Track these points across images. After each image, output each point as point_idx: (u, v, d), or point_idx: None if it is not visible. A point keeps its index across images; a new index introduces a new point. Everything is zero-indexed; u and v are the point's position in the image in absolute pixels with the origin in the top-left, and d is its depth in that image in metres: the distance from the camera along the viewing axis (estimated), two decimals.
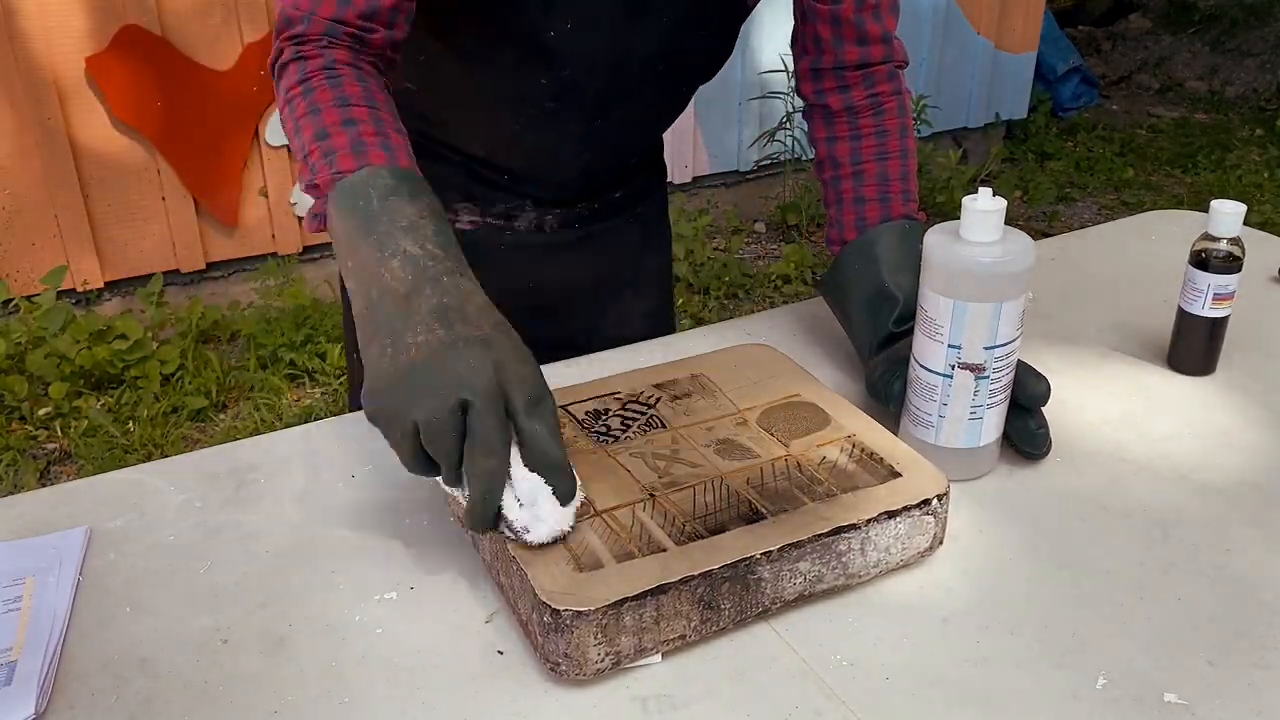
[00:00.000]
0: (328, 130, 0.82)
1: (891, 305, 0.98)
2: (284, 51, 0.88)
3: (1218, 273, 1.01)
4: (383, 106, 0.85)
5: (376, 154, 0.81)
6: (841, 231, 1.05)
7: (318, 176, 0.81)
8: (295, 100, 0.85)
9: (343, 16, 0.86)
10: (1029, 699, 0.68)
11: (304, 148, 0.83)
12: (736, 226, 3.91)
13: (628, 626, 0.67)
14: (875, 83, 1.06)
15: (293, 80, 0.86)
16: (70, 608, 0.75)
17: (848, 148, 1.06)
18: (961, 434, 0.87)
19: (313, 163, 0.82)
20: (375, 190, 0.78)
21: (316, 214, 0.82)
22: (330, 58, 0.86)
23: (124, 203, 2.93)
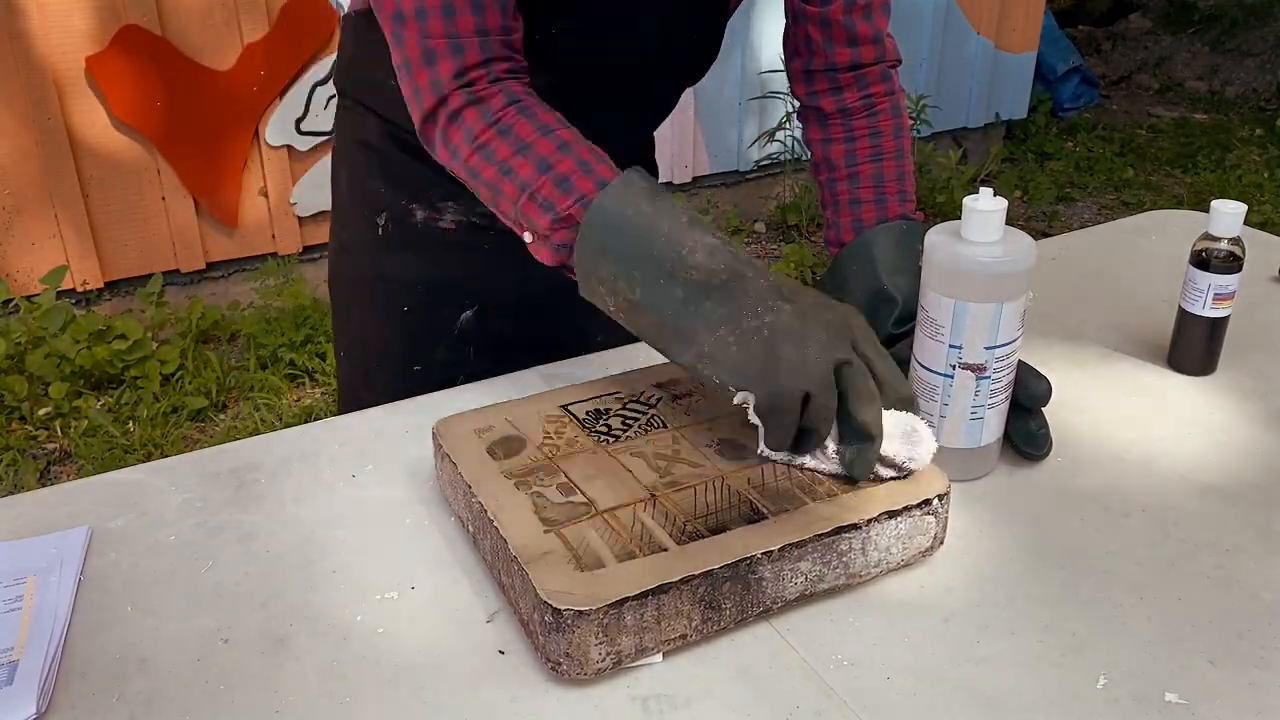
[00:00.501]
0: (549, 161, 0.82)
1: (890, 307, 0.98)
2: (451, 98, 0.85)
3: (1218, 273, 1.01)
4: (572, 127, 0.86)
5: (604, 169, 0.82)
6: (839, 233, 1.05)
7: (559, 207, 0.81)
8: (491, 145, 0.84)
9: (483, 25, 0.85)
10: (1029, 699, 0.68)
11: (524, 187, 0.83)
12: (736, 226, 3.91)
13: (629, 626, 0.67)
14: (868, 84, 1.06)
15: (480, 125, 0.84)
16: (71, 607, 0.75)
17: (842, 150, 1.06)
18: (962, 434, 0.87)
19: (543, 198, 0.82)
20: (640, 196, 0.80)
21: (560, 245, 0.83)
22: (510, 92, 0.85)
23: (124, 203, 2.93)
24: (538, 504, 0.76)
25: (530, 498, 0.77)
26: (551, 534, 0.73)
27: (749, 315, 0.76)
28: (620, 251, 0.79)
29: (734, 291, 0.77)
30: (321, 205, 3.17)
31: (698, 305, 0.77)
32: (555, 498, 0.77)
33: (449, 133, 0.86)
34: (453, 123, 0.86)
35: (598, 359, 1.09)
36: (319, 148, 3.12)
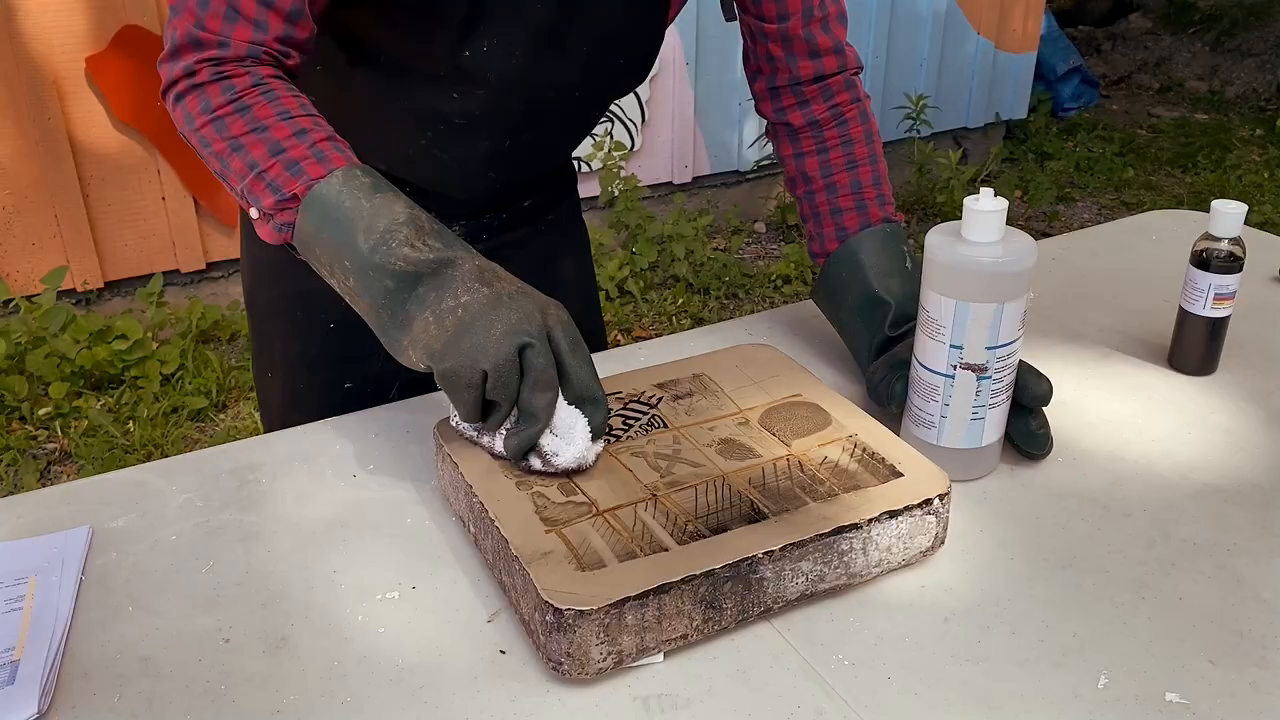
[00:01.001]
0: (282, 144, 0.82)
1: (884, 310, 0.98)
2: (199, 72, 0.83)
3: (1218, 273, 1.01)
4: (320, 115, 0.85)
5: (338, 158, 0.82)
6: (823, 244, 1.05)
7: (285, 189, 0.81)
8: (227, 119, 0.83)
9: (260, 40, 0.84)
10: (1030, 699, 0.68)
11: (253, 166, 0.82)
12: (736, 226, 3.91)
13: (630, 626, 0.67)
14: (834, 94, 1.05)
15: (220, 100, 0.83)
16: (72, 607, 0.75)
17: (816, 161, 1.06)
18: (963, 434, 0.87)
19: (270, 179, 0.81)
20: (360, 189, 0.80)
21: (283, 224, 0.83)
22: (258, 74, 0.84)
23: (124, 203, 2.93)
24: (539, 504, 0.76)
25: (531, 498, 0.77)
26: (552, 534, 0.73)
27: (449, 296, 0.78)
28: (333, 240, 0.80)
29: (443, 277, 0.79)
30: None
31: (411, 291, 0.79)
32: (556, 497, 0.77)
33: (185, 100, 0.85)
34: (192, 91, 0.84)
35: (598, 359, 1.08)
36: None
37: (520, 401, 0.77)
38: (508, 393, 0.77)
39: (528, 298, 0.79)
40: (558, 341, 0.78)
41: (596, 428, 0.80)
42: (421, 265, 0.78)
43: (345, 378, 1.11)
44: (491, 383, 0.76)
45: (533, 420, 0.77)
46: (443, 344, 0.77)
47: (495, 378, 0.76)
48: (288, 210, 0.82)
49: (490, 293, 0.78)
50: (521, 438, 0.78)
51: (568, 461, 0.78)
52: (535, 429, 0.77)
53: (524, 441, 0.78)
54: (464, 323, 0.77)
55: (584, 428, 0.79)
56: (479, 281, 0.79)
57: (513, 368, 0.76)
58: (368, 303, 0.80)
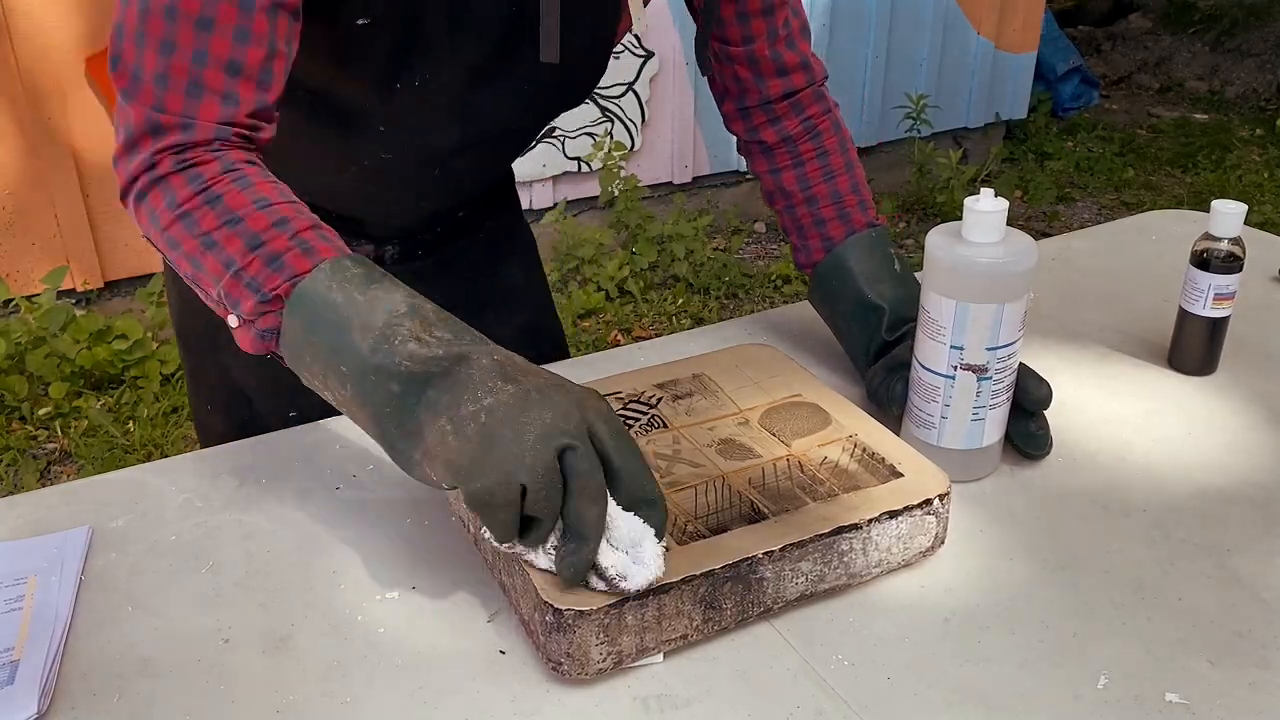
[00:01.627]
0: (260, 237, 0.72)
1: (878, 315, 0.98)
2: (159, 163, 0.74)
3: (1218, 273, 1.01)
4: (300, 201, 0.76)
5: (324, 248, 0.73)
6: (809, 255, 1.05)
7: (266, 287, 0.71)
8: (195, 213, 0.73)
9: (230, 118, 0.74)
10: (1029, 699, 0.68)
11: (229, 264, 0.72)
12: (736, 226, 3.91)
13: (629, 626, 0.67)
14: (804, 107, 1.04)
15: (187, 192, 0.73)
16: (72, 607, 0.75)
17: (793, 175, 1.05)
18: (964, 435, 0.87)
19: (249, 277, 0.71)
20: (351, 283, 0.71)
21: (266, 330, 0.73)
22: (227, 160, 0.74)
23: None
24: None
25: None
26: None
27: (469, 400, 0.66)
28: (326, 344, 0.69)
29: (457, 376, 0.67)
30: None
31: (419, 396, 0.67)
32: None
33: (149, 196, 0.75)
34: (155, 186, 0.74)
35: (598, 359, 1.09)
36: None
37: (566, 517, 0.65)
38: (550, 507, 0.64)
39: (560, 390, 0.67)
40: (601, 439, 0.66)
41: (659, 530, 0.68)
42: (431, 364, 0.67)
43: (290, 406, 1.01)
44: (531, 498, 0.64)
45: (583, 539, 0.65)
46: (469, 459, 0.64)
47: (535, 492, 0.63)
48: (270, 314, 0.72)
49: (516, 390, 0.66)
50: (577, 561, 0.65)
51: (638, 585, 0.66)
52: (588, 549, 0.65)
53: (580, 564, 0.65)
54: (489, 430, 0.64)
55: (651, 540, 0.67)
56: (500, 378, 0.66)
57: (554, 478, 0.64)
58: (369, 413, 0.69)
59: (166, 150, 0.74)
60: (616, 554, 0.66)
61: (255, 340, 0.74)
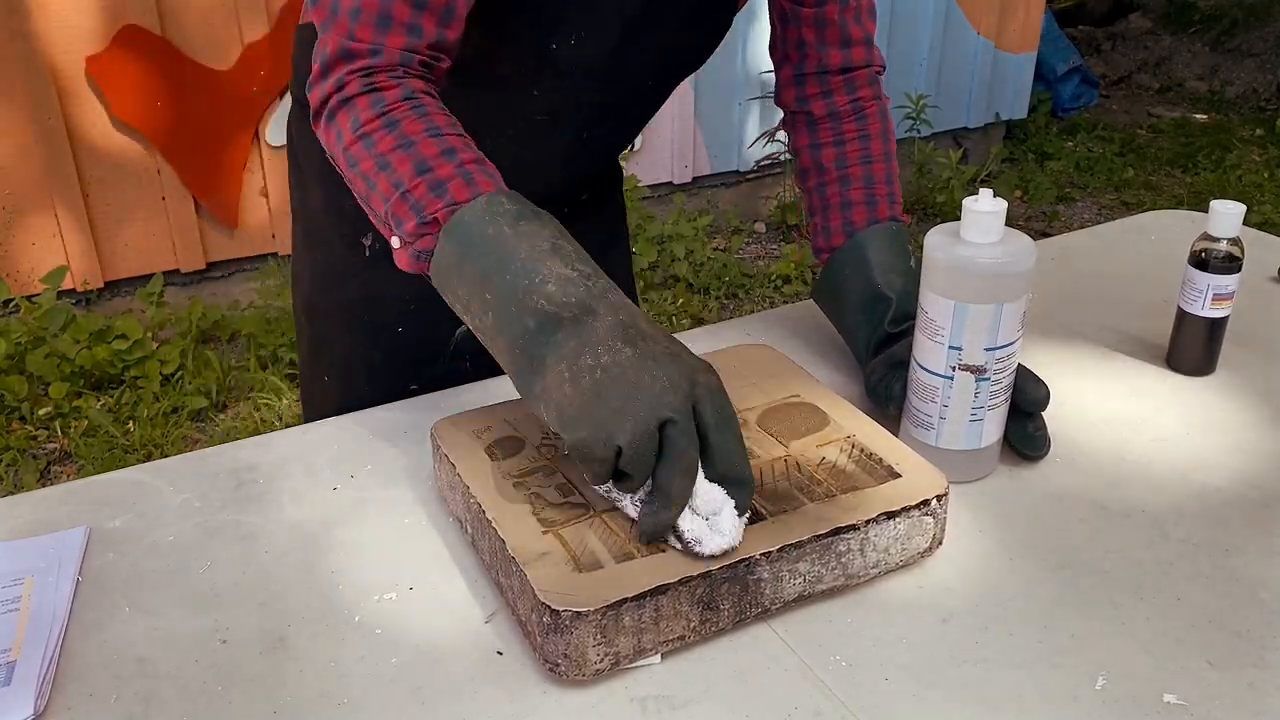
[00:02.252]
0: (429, 163, 0.78)
1: (885, 306, 0.98)
2: (348, 84, 0.81)
3: (1217, 273, 1.01)
4: (467, 134, 0.82)
5: (485, 181, 0.78)
6: (829, 238, 1.05)
7: (427, 210, 0.77)
8: (375, 135, 0.79)
9: (414, 47, 0.81)
10: (1028, 699, 0.68)
11: (398, 184, 0.78)
12: (736, 226, 3.91)
13: (627, 627, 0.67)
14: (857, 87, 1.06)
15: (369, 114, 0.80)
16: (69, 608, 0.75)
17: (833, 153, 1.06)
18: (962, 436, 0.87)
19: (414, 199, 0.77)
20: (503, 218, 0.76)
21: (422, 251, 0.79)
22: (408, 88, 0.81)
23: (124, 203, 2.93)
24: (536, 505, 0.76)
25: (528, 498, 0.77)
26: (550, 535, 0.73)
27: (589, 354, 0.71)
28: (474, 272, 0.75)
29: (583, 327, 0.72)
30: None
31: (550, 336, 0.72)
32: (553, 498, 0.77)
33: (336, 117, 0.82)
34: (342, 107, 0.81)
35: None
36: None
37: (656, 479, 0.70)
38: (642, 470, 0.69)
39: (675, 363, 0.71)
40: (704, 416, 0.70)
41: (743, 508, 0.72)
42: (563, 308, 0.72)
43: (412, 380, 1.08)
44: (625, 458, 0.68)
45: (666, 502, 0.69)
46: (576, 408, 0.69)
47: (630, 454, 0.68)
48: (427, 236, 0.78)
49: (634, 355, 0.70)
50: (655, 521, 0.70)
51: (712, 550, 0.70)
52: (669, 515, 0.70)
53: (659, 526, 0.70)
54: (601, 387, 0.69)
55: (731, 512, 0.71)
56: (622, 340, 0.71)
57: (650, 445, 0.68)
58: (505, 342, 0.74)
59: (356, 72, 0.81)
60: (696, 519, 0.70)
61: (411, 260, 0.80)
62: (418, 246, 0.79)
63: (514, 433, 0.85)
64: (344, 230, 1.08)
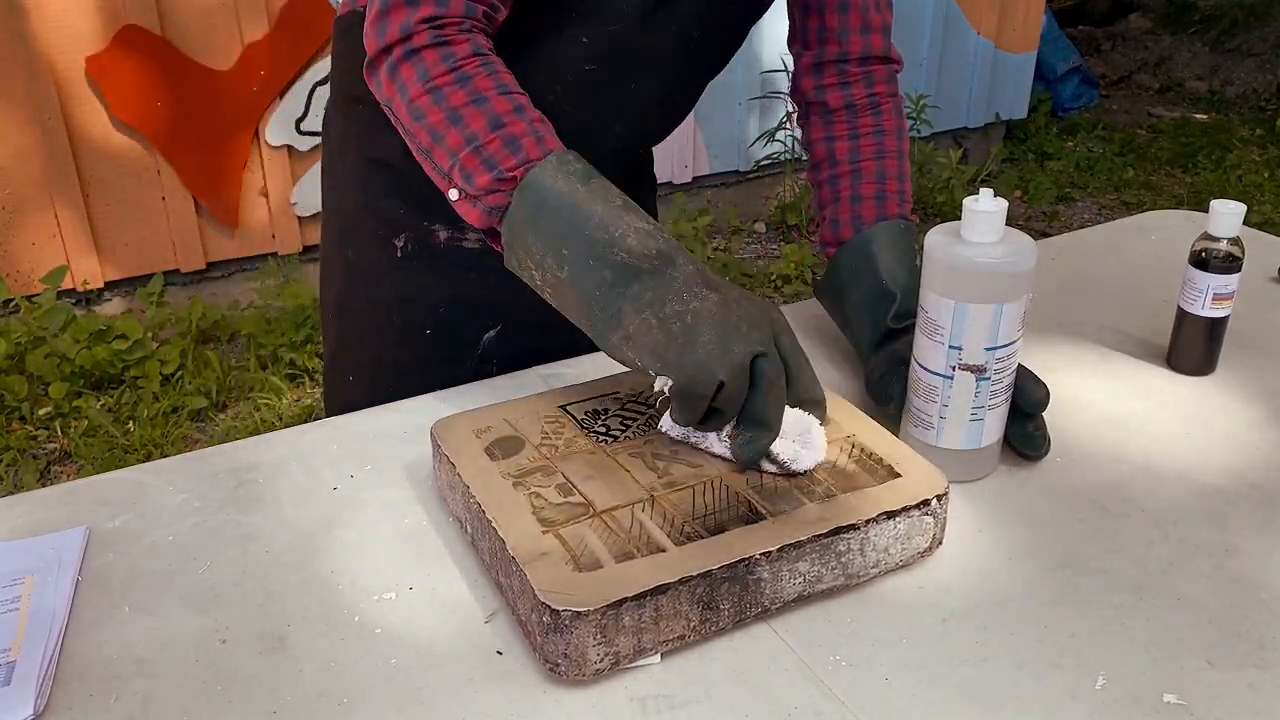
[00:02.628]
0: (503, 119, 0.81)
1: (889, 301, 0.98)
2: (416, 35, 0.82)
3: (1217, 273, 1.01)
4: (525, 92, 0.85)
5: (553, 140, 0.82)
6: (837, 231, 1.05)
7: (503, 165, 0.80)
8: (446, 89, 0.82)
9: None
10: (1028, 699, 0.68)
11: (471, 139, 0.81)
12: (736, 226, 3.91)
13: (627, 627, 0.67)
14: (874, 82, 1.07)
15: (440, 68, 0.82)
16: (69, 608, 0.75)
17: (847, 146, 1.06)
18: (962, 435, 0.87)
19: (488, 154, 0.80)
20: (576, 175, 0.80)
21: (494, 207, 0.81)
22: (476, 44, 0.83)
23: (124, 203, 2.93)
24: (536, 504, 0.76)
25: (528, 498, 0.77)
26: (550, 534, 0.73)
27: (674, 300, 0.77)
28: (551, 227, 0.79)
29: (663, 276, 0.77)
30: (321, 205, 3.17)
31: (626, 287, 0.77)
32: (553, 498, 0.77)
33: (401, 68, 0.83)
34: (409, 59, 0.83)
35: (599, 358, 1.08)
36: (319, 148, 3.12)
37: (751, 411, 0.76)
38: (736, 404, 0.76)
39: (753, 303, 0.78)
40: (784, 347, 0.78)
41: (821, 420, 0.81)
42: (643, 260, 0.77)
43: (438, 383, 1.07)
44: (724, 394, 0.75)
45: (765, 429, 0.76)
46: (676, 353, 0.76)
47: (729, 388, 0.75)
48: (500, 193, 0.81)
49: (719, 299, 0.77)
50: (757, 448, 0.77)
51: (808, 465, 0.78)
52: (768, 438, 0.77)
53: (758, 451, 0.77)
54: (694, 331, 0.76)
55: (818, 430, 0.79)
56: (705, 286, 0.78)
57: (746, 378, 0.75)
58: (579, 295, 0.79)
59: (424, 23, 0.82)
60: (787, 442, 0.78)
61: (482, 214, 0.82)
62: (489, 202, 0.81)
63: (514, 433, 0.85)
64: (379, 230, 1.08)
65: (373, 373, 1.15)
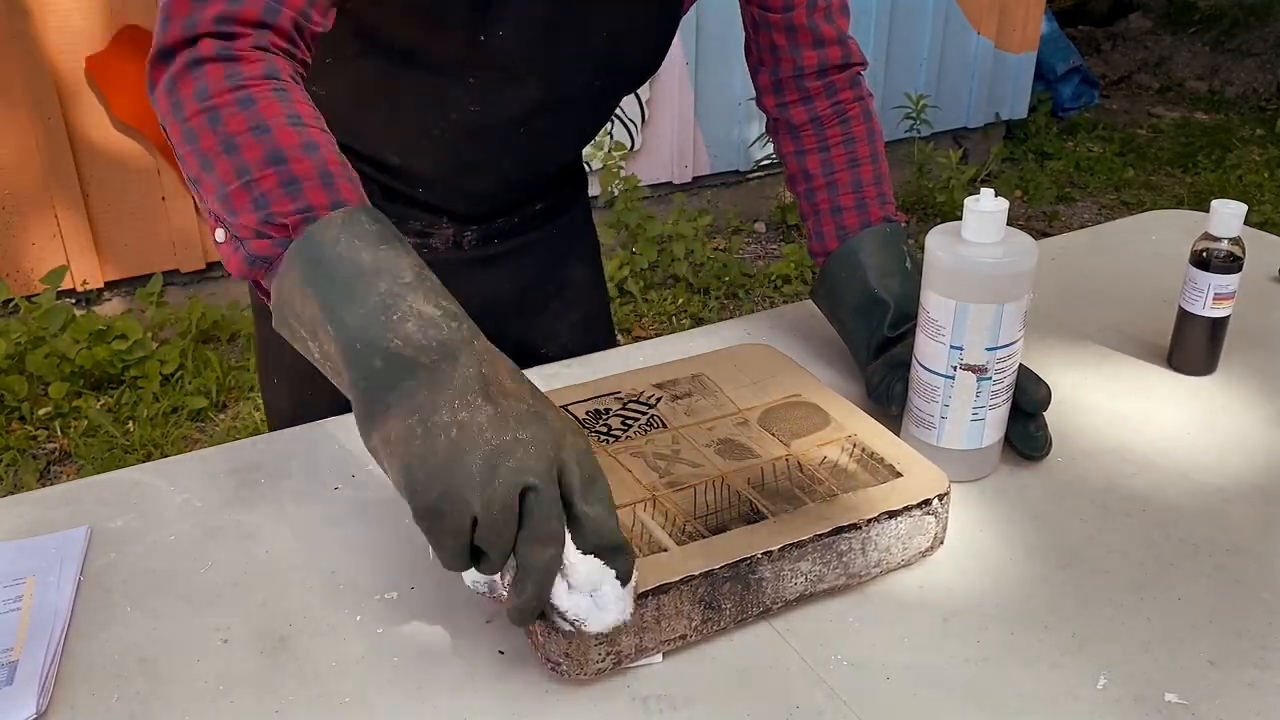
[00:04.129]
0: (285, 154, 0.68)
1: (883, 310, 0.98)
2: (201, 44, 0.70)
3: (1218, 272, 1.01)
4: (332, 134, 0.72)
5: (347, 190, 0.68)
6: (823, 242, 1.05)
7: (274, 208, 0.67)
8: (224, 111, 0.69)
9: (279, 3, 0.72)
10: (1029, 699, 0.68)
11: (242, 172, 0.68)
12: (736, 226, 3.91)
13: (628, 626, 0.67)
14: (837, 91, 1.05)
15: (221, 86, 0.69)
16: (71, 607, 0.75)
17: (818, 160, 1.06)
18: (963, 435, 0.87)
19: (260, 191, 0.67)
20: (365, 242, 0.66)
21: (259, 257, 0.69)
22: (272, 65, 0.71)
23: (124, 203, 2.93)
24: None
25: None
26: None
27: (445, 409, 0.61)
28: (318, 297, 0.65)
29: (439, 376, 0.62)
30: None
31: (397, 382, 0.62)
32: None
33: (180, 81, 0.71)
34: (190, 70, 0.70)
35: (599, 358, 1.09)
36: None
37: (518, 555, 0.62)
38: (500, 544, 0.61)
39: (539, 423, 0.63)
40: (569, 482, 0.63)
41: (624, 575, 0.65)
42: (420, 353, 0.63)
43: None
44: (481, 530, 0.60)
45: (531, 582, 0.62)
46: (426, 471, 0.60)
47: (486, 525, 0.60)
48: (268, 241, 0.68)
49: (494, 414, 0.62)
50: (523, 602, 0.62)
51: (600, 628, 0.64)
52: (535, 592, 0.62)
53: (527, 606, 0.63)
54: (457, 449, 0.60)
55: (613, 584, 0.64)
56: (482, 396, 0.62)
57: (509, 515, 0.60)
58: (349, 379, 0.64)
59: (213, 23, 0.70)
60: (578, 596, 0.64)
61: (242, 263, 0.70)
62: (253, 248, 0.69)
63: None
64: None
65: (291, 377, 1.11)
